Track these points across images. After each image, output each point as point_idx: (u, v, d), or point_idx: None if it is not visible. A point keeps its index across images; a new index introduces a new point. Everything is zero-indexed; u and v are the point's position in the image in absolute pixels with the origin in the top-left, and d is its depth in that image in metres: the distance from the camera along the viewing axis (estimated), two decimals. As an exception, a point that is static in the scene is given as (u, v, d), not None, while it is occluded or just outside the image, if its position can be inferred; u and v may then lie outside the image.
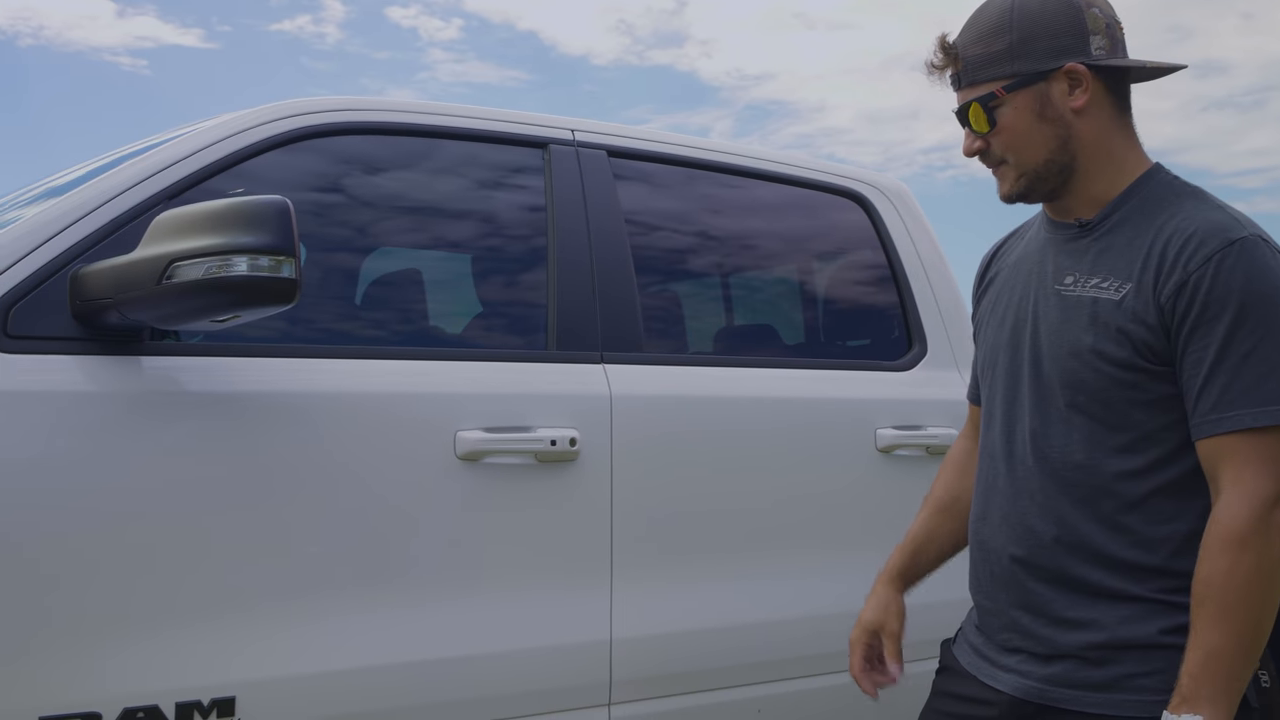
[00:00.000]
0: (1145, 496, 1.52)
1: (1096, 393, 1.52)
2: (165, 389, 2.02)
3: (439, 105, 2.60)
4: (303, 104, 2.40)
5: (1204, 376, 1.45)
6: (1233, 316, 1.43)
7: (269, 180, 2.29)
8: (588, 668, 2.34)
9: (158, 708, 1.91)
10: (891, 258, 3.09)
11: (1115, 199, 1.59)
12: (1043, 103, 1.56)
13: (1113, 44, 1.58)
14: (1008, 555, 1.62)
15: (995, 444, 1.67)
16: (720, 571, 2.53)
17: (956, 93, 1.63)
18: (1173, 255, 1.48)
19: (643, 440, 2.45)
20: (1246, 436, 1.43)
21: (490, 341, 2.59)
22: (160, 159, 2.19)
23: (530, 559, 2.31)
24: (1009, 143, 1.59)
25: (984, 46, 1.58)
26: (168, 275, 1.84)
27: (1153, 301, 1.48)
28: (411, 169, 2.57)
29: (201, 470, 2.01)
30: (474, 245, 2.68)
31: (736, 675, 2.53)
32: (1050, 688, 1.56)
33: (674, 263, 2.92)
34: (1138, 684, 1.50)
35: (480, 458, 2.25)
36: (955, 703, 1.70)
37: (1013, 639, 1.62)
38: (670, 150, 2.86)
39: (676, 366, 2.62)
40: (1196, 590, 1.44)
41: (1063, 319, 1.57)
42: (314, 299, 2.38)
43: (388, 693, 2.12)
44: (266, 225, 1.85)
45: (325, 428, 2.13)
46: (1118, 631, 1.52)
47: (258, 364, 2.13)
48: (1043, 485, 1.58)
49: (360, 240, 2.51)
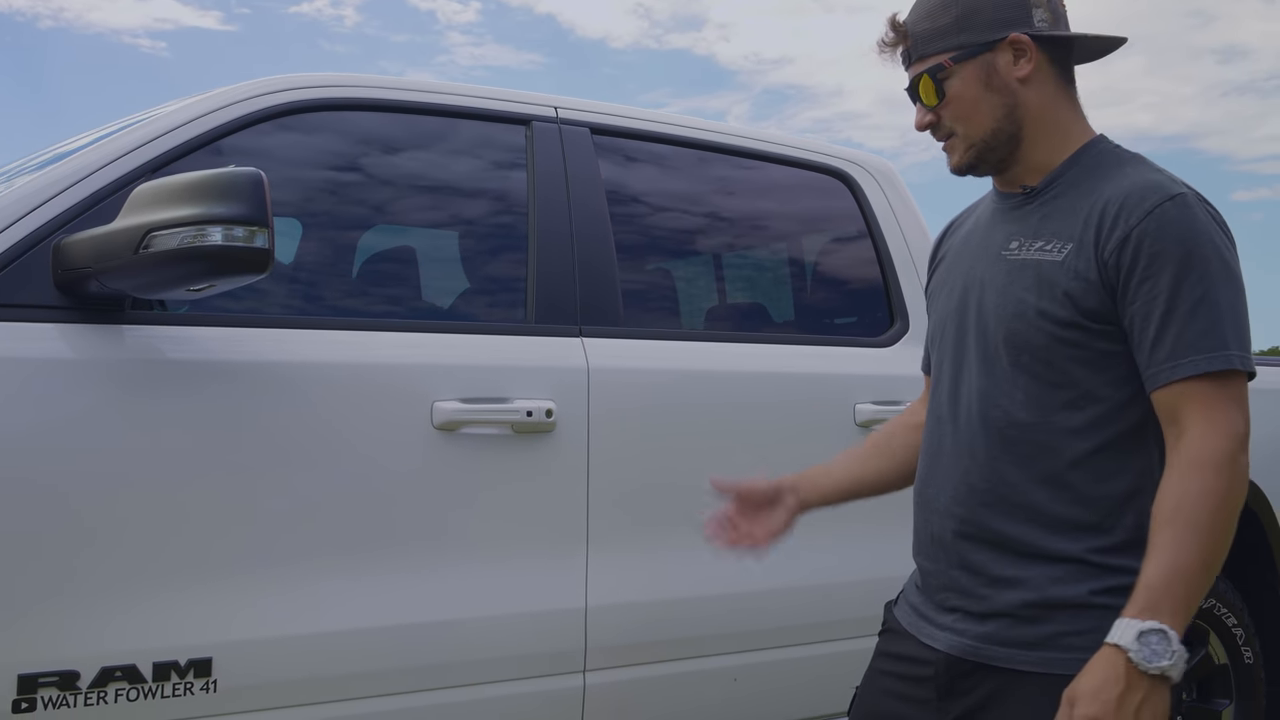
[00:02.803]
0: (1086, 454, 1.55)
1: (1039, 351, 1.56)
2: (146, 357, 2.06)
3: (423, 82, 2.63)
4: (288, 80, 2.43)
5: (1156, 326, 1.48)
6: (1177, 267, 1.47)
7: (252, 155, 2.33)
8: (563, 635, 2.38)
9: (135, 667, 1.96)
10: (875, 236, 3.12)
11: (1059, 166, 1.63)
12: (989, 72, 1.61)
13: (1055, 17, 1.64)
14: (948, 514, 1.66)
15: (942, 407, 1.71)
16: (695, 542, 2.55)
17: (907, 70, 1.69)
18: (1113, 213, 1.52)
19: (619, 412, 2.49)
20: (1207, 381, 1.46)
21: (469, 314, 2.63)
22: (144, 133, 2.23)
23: (506, 528, 2.35)
24: (958, 113, 1.64)
25: (931, 21, 1.64)
26: (145, 245, 1.89)
27: (1094, 259, 1.52)
28: (394, 145, 2.60)
29: (181, 436, 2.05)
30: (456, 220, 2.71)
31: (711, 644, 2.57)
32: (985, 645, 1.59)
33: (655, 239, 2.95)
34: (1068, 642, 1.53)
35: (457, 428, 2.29)
36: (895, 662, 1.73)
37: (950, 598, 1.65)
38: (654, 128, 2.89)
39: (655, 340, 2.66)
40: (1162, 511, 1.45)
41: (1008, 281, 1.61)
42: (295, 271, 2.42)
43: (362, 656, 2.17)
44: (241, 196, 1.89)
45: (303, 397, 2.17)
46: (1049, 591, 1.55)
47: (238, 334, 2.17)
48: (986, 445, 1.61)
49: (343, 215, 2.55)
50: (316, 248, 2.50)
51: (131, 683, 1.95)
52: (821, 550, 2.64)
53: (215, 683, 2.02)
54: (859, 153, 3.23)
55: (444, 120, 2.62)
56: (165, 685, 1.98)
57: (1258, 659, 3.37)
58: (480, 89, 2.68)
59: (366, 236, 2.62)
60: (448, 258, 2.72)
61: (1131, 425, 1.55)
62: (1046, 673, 1.53)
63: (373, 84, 2.54)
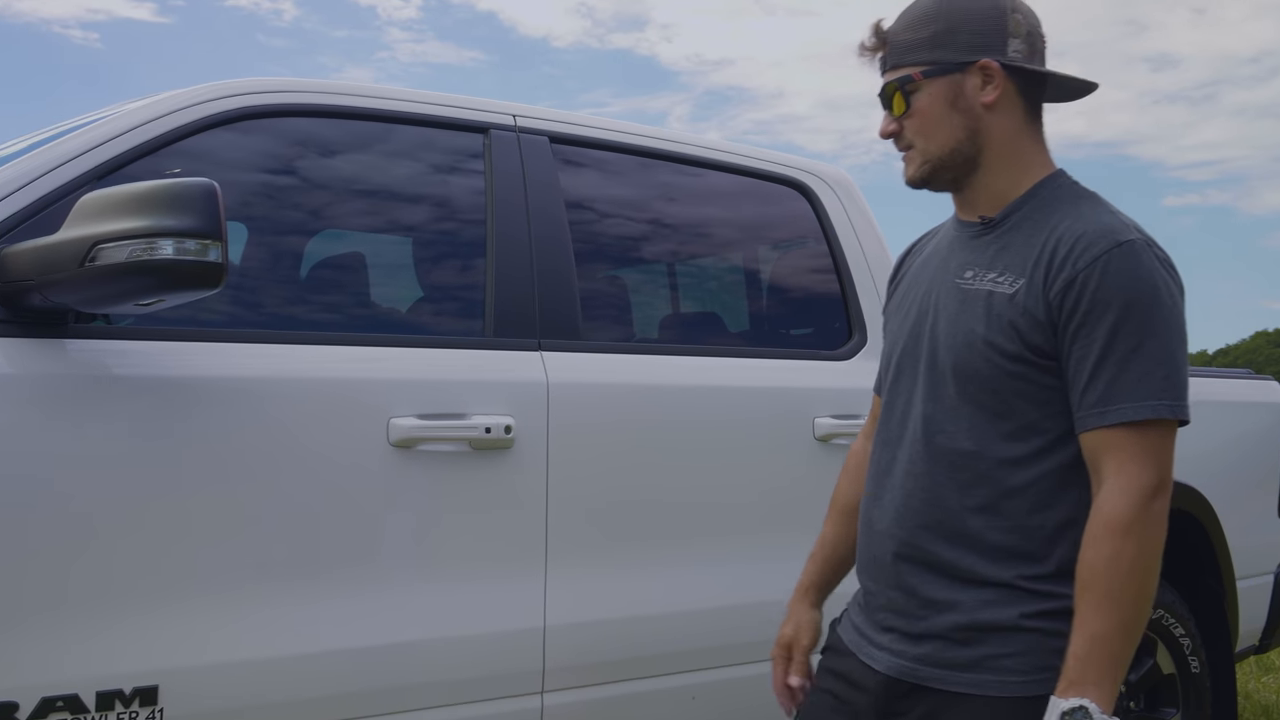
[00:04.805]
0: (1025, 484, 1.59)
1: (986, 382, 1.59)
2: (89, 373, 1.98)
3: (380, 88, 2.57)
4: (240, 85, 2.36)
5: (1089, 372, 1.52)
6: (1116, 315, 1.51)
7: (203, 161, 2.26)
8: (521, 656, 2.34)
9: (77, 697, 1.88)
10: (833, 247, 3.10)
11: (1017, 199, 1.66)
12: (956, 92, 1.64)
13: (1031, 51, 1.66)
14: (889, 536, 1.68)
15: (891, 430, 1.74)
16: (655, 559, 2.54)
17: (882, 75, 1.70)
18: (1063, 254, 1.55)
19: (579, 428, 2.45)
20: (1129, 430, 1.50)
21: (427, 327, 2.57)
22: (89, 138, 2.14)
23: (464, 547, 2.30)
24: (919, 127, 1.66)
25: (912, 33, 1.66)
26: (91, 258, 1.81)
27: (1042, 297, 1.55)
28: (351, 152, 2.54)
29: (125, 455, 1.98)
30: (413, 230, 2.66)
31: (671, 663, 2.54)
32: (920, 666, 1.62)
33: (615, 250, 2.91)
34: (1000, 664, 1.57)
35: (414, 445, 2.24)
36: (837, 680, 1.76)
37: (887, 618, 1.69)
38: (614, 138, 2.85)
39: (615, 354, 2.62)
40: (1081, 576, 1.51)
41: (960, 310, 1.64)
42: (246, 282, 2.35)
43: (315, 680, 2.11)
44: (193, 208, 1.82)
45: (255, 413, 2.10)
46: (978, 614, 1.59)
47: (186, 348, 2.10)
48: (930, 470, 1.64)
49: (297, 223, 2.48)
50: (273, 259, 2.43)
51: (74, 713, 1.88)
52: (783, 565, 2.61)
53: (161, 711, 1.95)
54: (817, 163, 3.21)
55: (401, 128, 2.56)
56: (109, 715, 1.90)
57: (1204, 668, 3.41)
58: (437, 96, 2.62)
59: (321, 247, 2.55)
60: (405, 270, 2.66)
61: (1070, 458, 1.58)
62: (980, 694, 1.56)
63: (327, 89, 2.47)
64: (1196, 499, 3.50)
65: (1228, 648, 3.59)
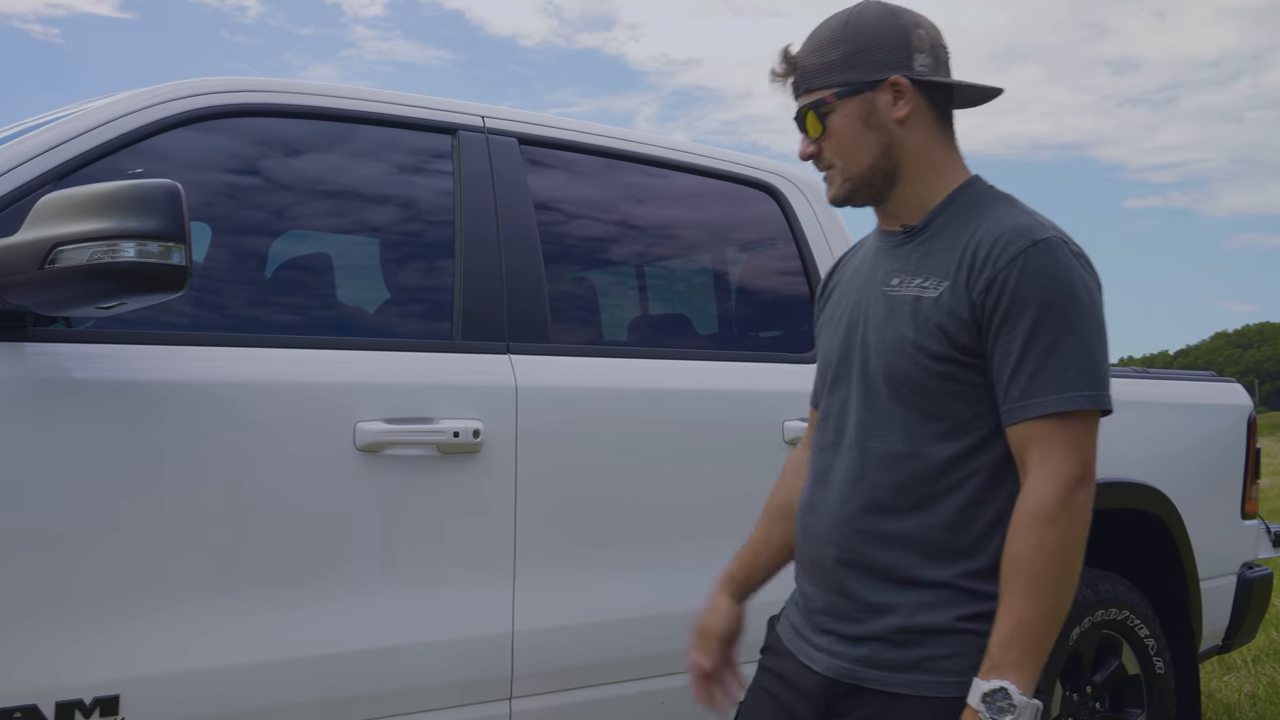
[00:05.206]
0: (959, 481, 1.63)
1: (918, 384, 1.63)
2: (48, 376, 1.95)
3: (347, 88, 2.54)
4: (206, 83, 2.33)
5: (1012, 366, 1.57)
6: (1036, 312, 1.56)
7: (166, 161, 2.22)
8: (489, 662, 2.32)
9: (36, 707, 1.84)
10: (802, 249, 3.10)
11: (936, 206, 1.71)
12: (869, 111, 1.68)
13: (936, 63, 1.71)
14: (828, 541, 1.72)
15: (827, 437, 1.77)
16: (625, 564, 2.53)
17: (795, 100, 1.74)
18: (983, 255, 1.60)
19: (548, 432, 2.43)
20: (1051, 421, 1.55)
21: (394, 330, 2.54)
22: (49, 137, 2.10)
23: (432, 552, 2.28)
24: (837, 147, 1.71)
25: (820, 57, 1.70)
26: (50, 260, 1.78)
27: (965, 297, 1.60)
28: (318, 153, 2.51)
29: (85, 461, 1.94)
30: (380, 231, 2.63)
31: (640, 668, 2.53)
32: (859, 668, 1.66)
33: (584, 252, 2.90)
34: (935, 665, 1.60)
35: (381, 449, 2.21)
36: (776, 681, 1.79)
37: (826, 621, 1.72)
38: (583, 139, 2.83)
39: (584, 357, 2.61)
40: (1006, 565, 1.55)
41: (888, 317, 1.68)
42: (210, 284, 2.31)
43: (281, 689, 2.08)
44: (155, 210, 1.79)
45: (218, 418, 2.07)
46: (916, 617, 1.62)
47: (147, 351, 2.06)
48: (865, 474, 1.68)
49: (262, 224, 2.45)
50: (238, 261, 2.39)
51: (33, 724, 1.84)
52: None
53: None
54: (786, 166, 3.21)
55: (368, 128, 2.53)
56: (69, 726, 1.87)
57: (1169, 668, 3.44)
58: (405, 96, 2.59)
59: (287, 248, 2.52)
60: (372, 271, 2.63)
61: (1001, 454, 1.62)
62: (916, 695, 1.60)
63: (293, 89, 2.44)
64: (1160, 501, 3.53)
65: (1192, 648, 3.62)
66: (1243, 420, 4.00)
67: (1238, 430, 3.98)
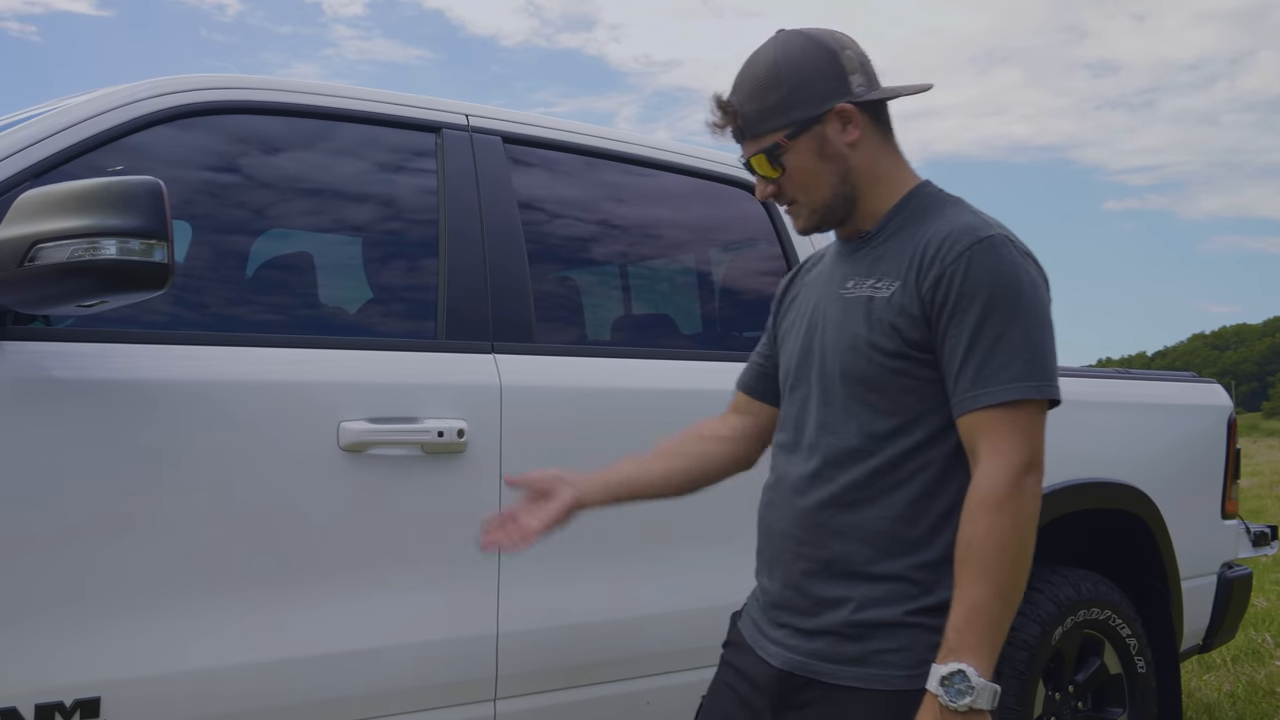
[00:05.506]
0: (912, 474, 1.68)
1: (872, 381, 1.69)
2: (28, 375, 1.92)
3: (331, 86, 2.52)
4: (189, 80, 2.31)
5: (960, 359, 1.62)
6: (982, 306, 1.61)
7: (148, 158, 2.20)
8: (473, 662, 2.31)
9: (15, 710, 1.82)
10: (786, 248, 3.10)
11: (888, 212, 1.76)
12: (821, 143, 1.72)
13: (868, 79, 1.75)
14: (786, 537, 1.77)
15: (787, 438, 1.82)
16: (609, 564, 2.52)
17: (740, 144, 1.77)
18: (931, 253, 1.65)
19: (533, 432, 2.42)
20: (999, 411, 1.60)
21: (378, 329, 2.53)
22: (29, 133, 2.08)
23: (415, 553, 2.27)
24: (798, 183, 1.75)
25: (760, 102, 1.72)
26: (30, 257, 1.76)
27: (916, 295, 1.65)
28: (301, 150, 2.49)
29: (65, 460, 1.92)
30: (364, 230, 2.61)
31: (625, 668, 2.52)
32: (812, 661, 1.70)
33: (569, 252, 2.89)
34: (885, 659, 1.65)
35: (364, 449, 2.20)
36: (735, 674, 1.84)
37: (782, 615, 1.77)
38: (567, 138, 2.82)
39: (569, 357, 2.60)
40: (960, 551, 1.59)
41: (844, 318, 1.74)
42: (192, 282, 2.29)
43: (263, 691, 2.06)
44: (137, 207, 1.77)
45: (201, 417, 2.06)
46: (867, 611, 1.67)
47: (129, 350, 2.04)
48: (821, 470, 1.73)
49: (244, 222, 2.43)
50: (221, 259, 2.37)
51: (12, 727, 1.82)
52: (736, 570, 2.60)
53: (104, 724, 1.90)
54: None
55: (351, 126, 2.52)
56: (49, 728, 1.85)
57: (1150, 668, 3.45)
58: (389, 94, 2.58)
59: (270, 246, 2.50)
60: (355, 270, 2.61)
61: (953, 446, 1.67)
62: (866, 688, 1.65)
63: (277, 86, 2.42)
64: (1142, 501, 3.54)
65: (1173, 647, 3.64)
66: (1223, 421, 4.02)
67: (1218, 431, 4.00)
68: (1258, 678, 5.34)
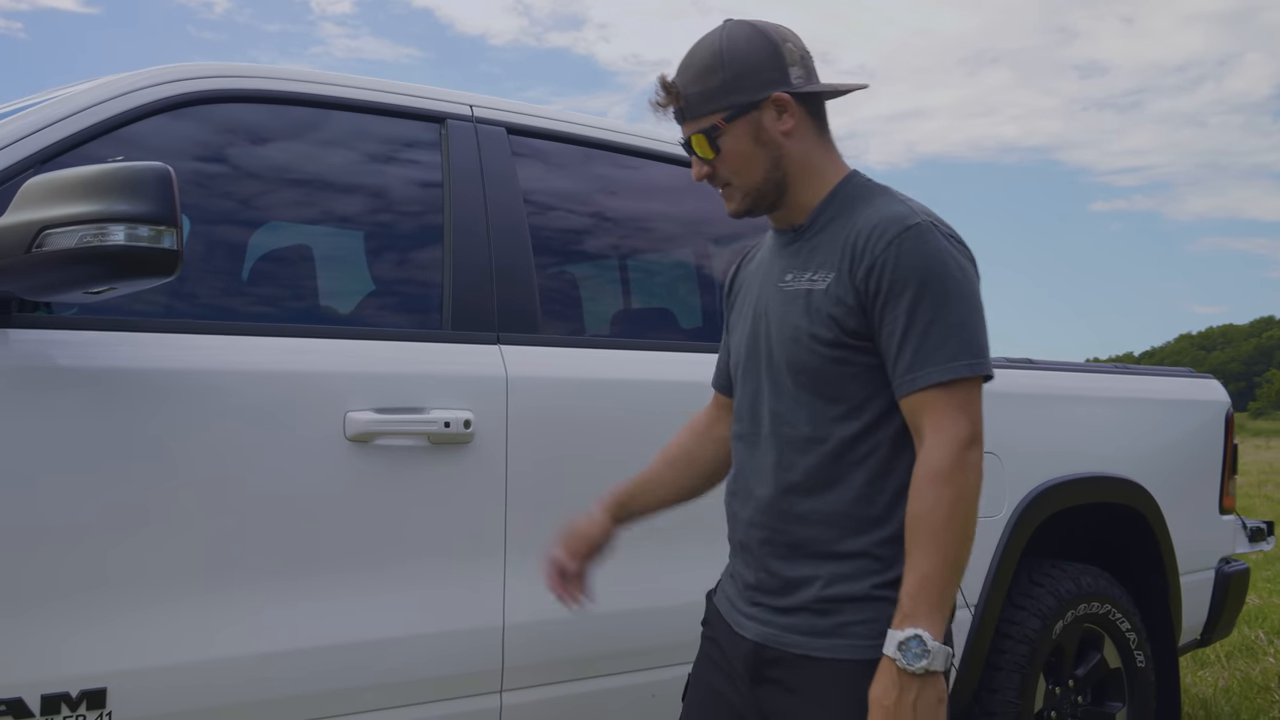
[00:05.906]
0: (864, 456, 1.75)
1: (816, 371, 1.75)
2: (35, 364, 1.91)
3: (333, 75, 2.51)
4: (190, 69, 2.29)
5: (897, 344, 1.69)
6: (914, 291, 1.68)
7: (152, 147, 2.19)
8: (480, 654, 2.30)
9: (21, 700, 1.81)
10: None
11: (819, 204, 1.83)
12: (757, 129, 1.79)
13: (807, 73, 1.82)
14: (752, 524, 1.85)
15: (744, 428, 1.89)
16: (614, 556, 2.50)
17: (681, 125, 1.83)
18: (862, 243, 1.72)
19: (539, 423, 2.41)
20: (938, 391, 1.67)
21: (383, 320, 2.51)
22: (31, 121, 2.06)
23: (422, 543, 2.25)
24: (732, 166, 1.81)
25: (702, 84, 1.78)
26: (38, 243, 1.74)
27: (850, 285, 1.72)
28: (303, 140, 2.47)
29: (71, 449, 1.91)
30: (367, 221, 2.60)
31: (630, 660, 2.51)
32: (785, 634, 1.78)
33: (573, 243, 2.88)
34: (853, 631, 1.73)
35: (371, 439, 2.19)
36: (715, 648, 1.93)
37: (756, 595, 1.85)
38: (571, 129, 2.81)
39: (574, 348, 2.59)
40: (909, 524, 1.66)
41: (785, 311, 1.80)
42: (198, 272, 2.28)
43: (269, 682, 2.05)
44: (146, 193, 1.75)
45: (207, 407, 2.04)
46: (835, 587, 1.75)
47: (136, 339, 2.03)
48: (780, 459, 1.80)
49: (248, 213, 2.41)
50: (228, 248, 2.36)
51: (18, 717, 1.80)
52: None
53: (110, 715, 1.88)
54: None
55: (355, 116, 2.50)
56: (55, 719, 1.83)
57: (1150, 662, 3.46)
58: (392, 84, 2.57)
59: (275, 237, 2.49)
60: (361, 261, 2.60)
61: (898, 428, 1.75)
62: (835, 658, 1.73)
63: (280, 75, 2.41)
64: (1142, 495, 3.55)
65: (1172, 642, 3.65)
66: (1221, 416, 4.03)
67: (1216, 426, 4.01)
68: (1252, 673, 5.36)
